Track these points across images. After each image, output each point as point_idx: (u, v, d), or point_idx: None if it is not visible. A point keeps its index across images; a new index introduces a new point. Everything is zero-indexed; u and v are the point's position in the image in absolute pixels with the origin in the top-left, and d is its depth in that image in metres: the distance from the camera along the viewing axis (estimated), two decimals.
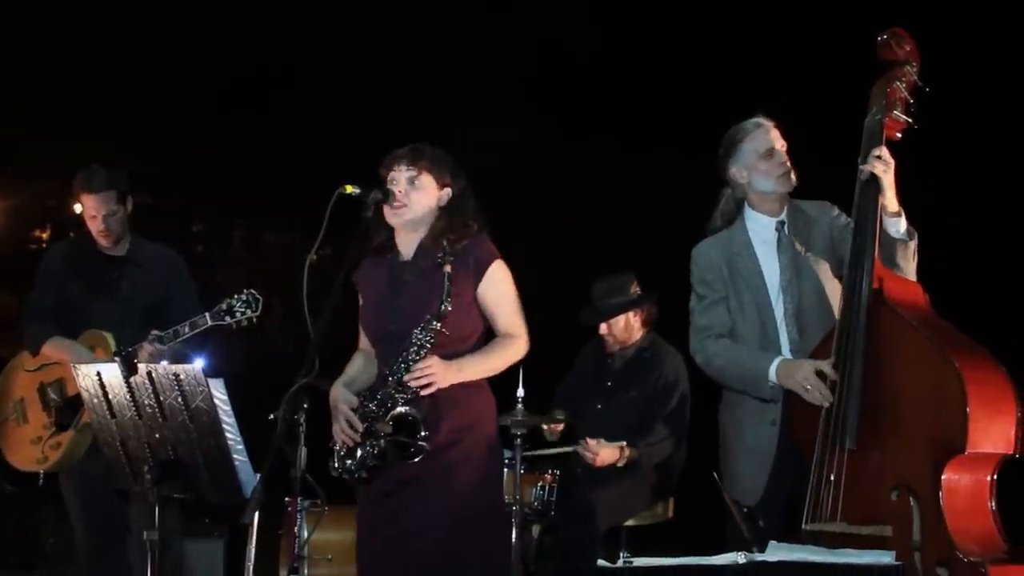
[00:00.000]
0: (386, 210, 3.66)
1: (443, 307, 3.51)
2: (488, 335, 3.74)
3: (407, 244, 3.74)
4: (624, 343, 5.32)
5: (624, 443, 4.99)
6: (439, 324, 3.53)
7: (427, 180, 3.68)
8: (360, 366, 3.80)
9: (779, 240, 3.88)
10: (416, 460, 3.51)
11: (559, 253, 7.76)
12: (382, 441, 3.49)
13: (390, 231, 3.75)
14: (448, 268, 3.52)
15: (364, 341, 3.84)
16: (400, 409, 3.51)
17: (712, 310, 3.90)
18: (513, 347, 3.70)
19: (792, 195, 3.92)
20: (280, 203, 8.48)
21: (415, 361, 3.53)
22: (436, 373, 3.51)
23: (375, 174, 3.75)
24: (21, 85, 8.14)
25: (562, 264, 7.43)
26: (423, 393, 3.52)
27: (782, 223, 3.89)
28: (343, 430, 3.54)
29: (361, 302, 3.82)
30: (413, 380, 3.50)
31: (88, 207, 4.68)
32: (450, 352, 3.59)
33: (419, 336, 3.54)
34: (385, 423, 3.49)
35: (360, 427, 3.52)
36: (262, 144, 8.67)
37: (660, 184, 7.58)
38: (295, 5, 8.76)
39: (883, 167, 3.48)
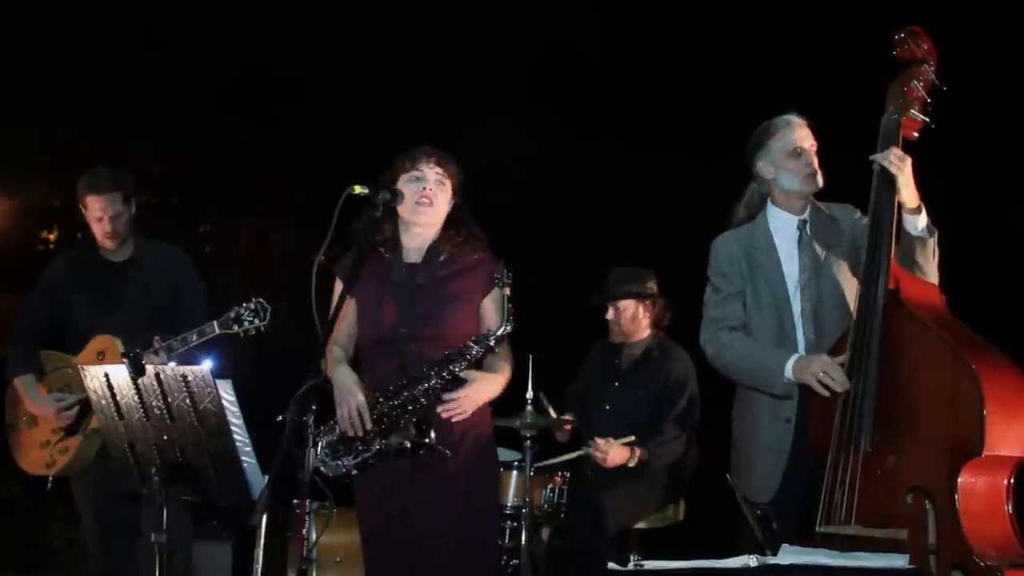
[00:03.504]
0: (407, 210, 3.64)
1: (505, 328, 3.53)
2: None
3: (415, 245, 3.72)
4: (628, 336, 5.30)
5: (633, 437, 4.97)
6: (494, 342, 3.56)
7: (449, 185, 3.71)
8: (343, 358, 3.77)
9: (800, 239, 3.85)
10: (423, 458, 3.50)
11: (568, 253, 7.74)
12: (395, 442, 3.47)
13: (394, 230, 3.73)
14: (507, 291, 3.54)
15: (343, 338, 3.78)
16: (420, 412, 3.51)
17: (727, 303, 3.88)
18: (505, 378, 3.74)
19: (817, 195, 3.89)
20: (288, 204, 8.46)
21: (461, 369, 3.53)
22: (467, 402, 3.56)
23: (383, 173, 3.73)
24: (27, 84, 8.12)
25: (571, 264, 7.41)
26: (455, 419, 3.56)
27: (804, 222, 3.87)
28: (352, 418, 3.52)
29: (355, 300, 3.76)
30: (452, 414, 3.55)
31: (94, 208, 4.65)
32: (453, 351, 3.59)
33: (473, 347, 3.55)
34: (409, 427, 3.47)
35: (369, 422, 3.50)
36: (269, 144, 8.66)
37: (670, 184, 7.56)
38: (300, 6, 8.74)
39: (898, 164, 3.44)
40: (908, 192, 3.49)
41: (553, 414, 5.07)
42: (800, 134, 3.86)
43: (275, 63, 8.59)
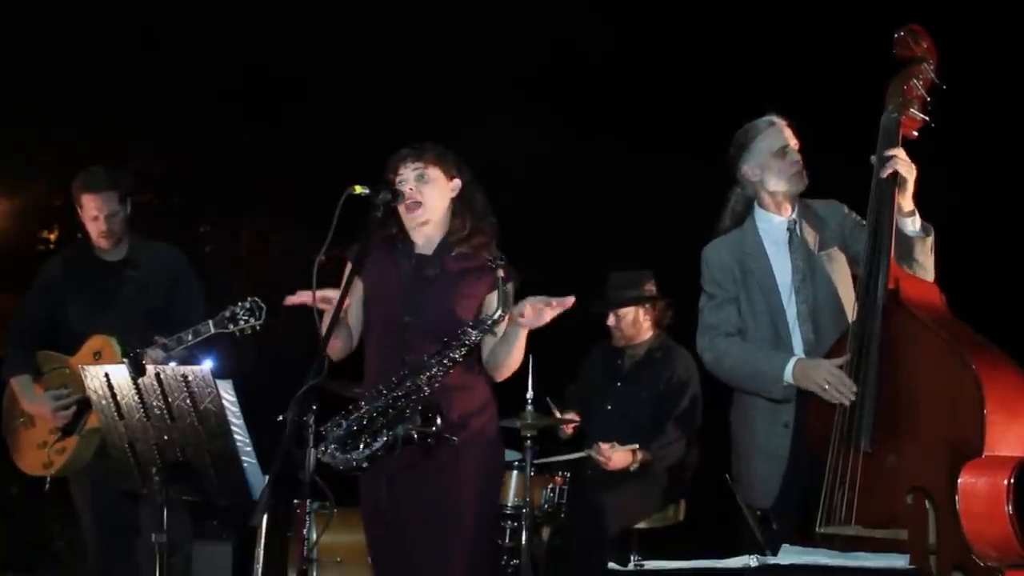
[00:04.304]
0: (402, 211, 3.65)
1: (500, 311, 3.48)
2: None
3: (425, 238, 3.73)
4: (631, 339, 5.30)
5: (636, 447, 4.97)
6: (494, 327, 3.52)
7: (435, 172, 3.69)
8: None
9: (791, 240, 3.85)
10: (430, 445, 3.50)
11: (569, 253, 7.74)
12: (403, 431, 3.46)
13: (401, 226, 3.74)
14: (501, 273, 3.49)
15: (349, 318, 3.76)
16: (425, 400, 3.51)
17: (722, 309, 3.88)
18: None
19: (803, 194, 3.89)
20: (288, 204, 8.46)
21: (454, 358, 3.51)
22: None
23: (383, 173, 3.73)
24: (27, 84, 8.12)
25: (572, 264, 7.40)
26: None
27: (794, 222, 3.86)
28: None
29: (364, 288, 3.77)
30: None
31: (89, 208, 4.64)
32: (452, 337, 3.58)
33: (471, 333, 3.52)
34: (414, 415, 3.46)
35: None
36: (269, 144, 8.65)
37: (670, 184, 7.55)
38: (302, 7, 8.74)
39: (907, 166, 3.45)
40: (908, 196, 3.49)
41: (557, 414, 5.07)
42: (783, 133, 3.86)
43: (275, 63, 8.58)
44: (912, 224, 3.54)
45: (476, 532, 3.62)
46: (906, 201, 3.50)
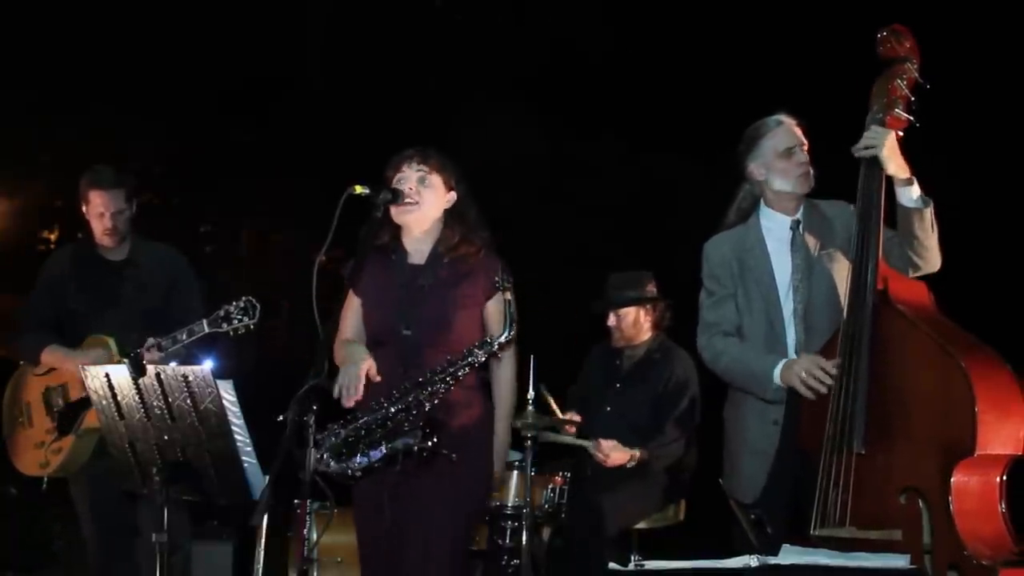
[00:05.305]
0: (395, 209, 3.65)
1: (507, 334, 3.53)
2: None
3: (417, 247, 3.73)
4: (631, 340, 5.30)
5: (637, 451, 4.98)
6: (498, 348, 3.56)
7: (436, 180, 3.70)
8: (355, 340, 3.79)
9: (793, 239, 3.84)
10: (426, 458, 3.52)
11: (569, 253, 7.75)
12: (402, 445, 3.47)
13: (395, 231, 3.75)
14: (508, 296, 3.55)
15: (351, 334, 3.80)
16: (427, 416, 3.52)
17: (721, 306, 3.88)
18: (511, 378, 3.80)
19: (809, 194, 3.89)
20: (288, 204, 8.47)
21: (458, 376, 3.54)
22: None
23: (384, 174, 3.74)
24: (27, 84, 8.13)
25: (572, 264, 7.42)
26: None
27: (797, 222, 3.86)
28: (345, 385, 3.52)
29: (360, 299, 3.79)
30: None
31: (96, 204, 4.67)
32: (457, 356, 3.60)
33: (477, 353, 3.55)
34: (416, 430, 3.47)
35: (359, 391, 3.52)
36: (269, 144, 8.66)
37: (670, 184, 7.56)
38: (301, 7, 8.75)
39: (870, 141, 3.44)
40: (895, 164, 3.47)
41: (557, 412, 5.08)
42: (791, 134, 3.85)
43: (275, 63, 8.59)
44: (910, 194, 3.51)
45: (465, 534, 3.69)
46: (898, 167, 3.48)
